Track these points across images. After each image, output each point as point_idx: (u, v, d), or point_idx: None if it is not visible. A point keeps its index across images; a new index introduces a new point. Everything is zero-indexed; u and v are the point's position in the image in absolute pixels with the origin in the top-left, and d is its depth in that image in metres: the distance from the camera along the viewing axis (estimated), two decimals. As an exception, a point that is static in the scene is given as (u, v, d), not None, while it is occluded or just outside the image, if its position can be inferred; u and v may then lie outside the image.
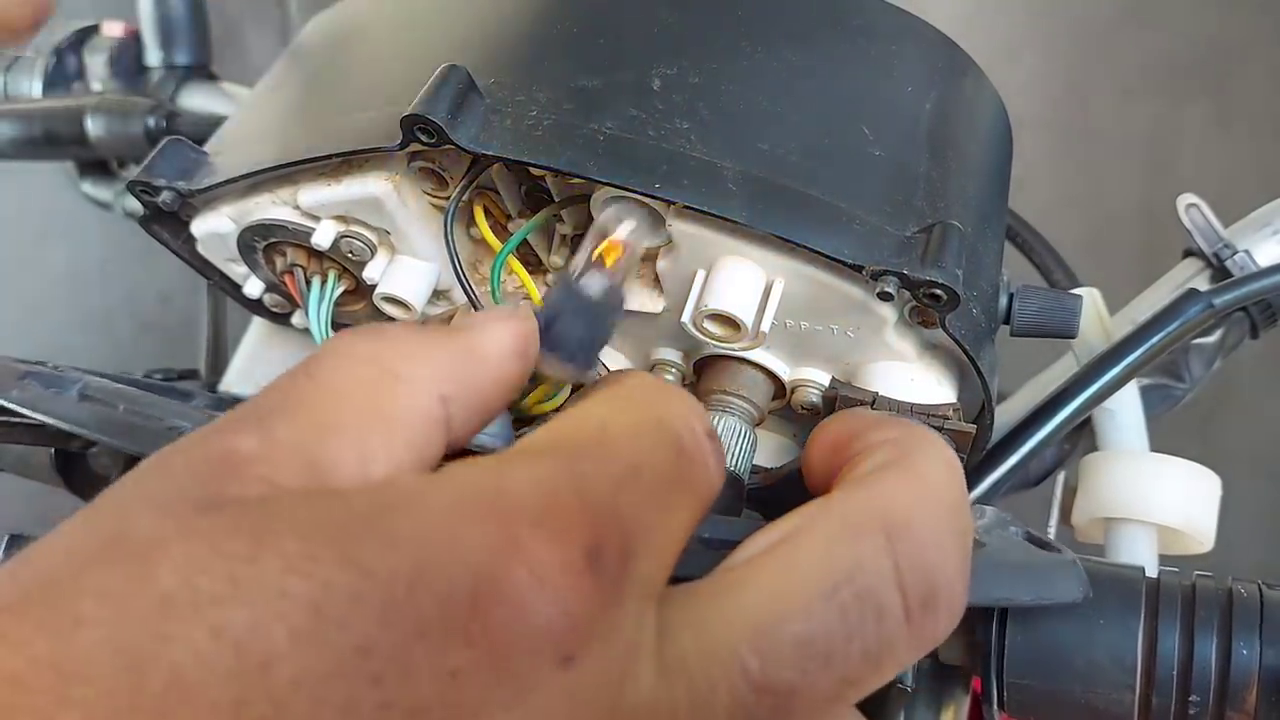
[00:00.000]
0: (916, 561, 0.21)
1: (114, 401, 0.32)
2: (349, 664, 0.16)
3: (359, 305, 0.41)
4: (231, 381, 0.50)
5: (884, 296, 0.32)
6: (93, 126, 0.61)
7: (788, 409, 0.38)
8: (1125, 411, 0.47)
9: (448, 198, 0.37)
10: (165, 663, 0.16)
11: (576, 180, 0.34)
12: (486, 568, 0.18)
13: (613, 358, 0.40)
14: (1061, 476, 0.52)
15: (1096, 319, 0.48)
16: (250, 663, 0.16)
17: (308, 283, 0.39)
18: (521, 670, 0.17)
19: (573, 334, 0.28)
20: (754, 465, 0.37)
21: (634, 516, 0.20)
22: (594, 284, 0.30)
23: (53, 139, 0.63)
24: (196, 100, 0.69)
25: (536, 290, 0.36)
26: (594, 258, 0.31)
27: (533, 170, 0.36)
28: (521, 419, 0.36)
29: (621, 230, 0.33)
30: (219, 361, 0.61)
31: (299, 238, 0.39)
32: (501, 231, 0.39)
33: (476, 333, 0.24)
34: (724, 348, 0.36)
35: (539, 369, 0.31)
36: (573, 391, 0.33)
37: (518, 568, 0.18)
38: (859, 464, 0.24)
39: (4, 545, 0.37)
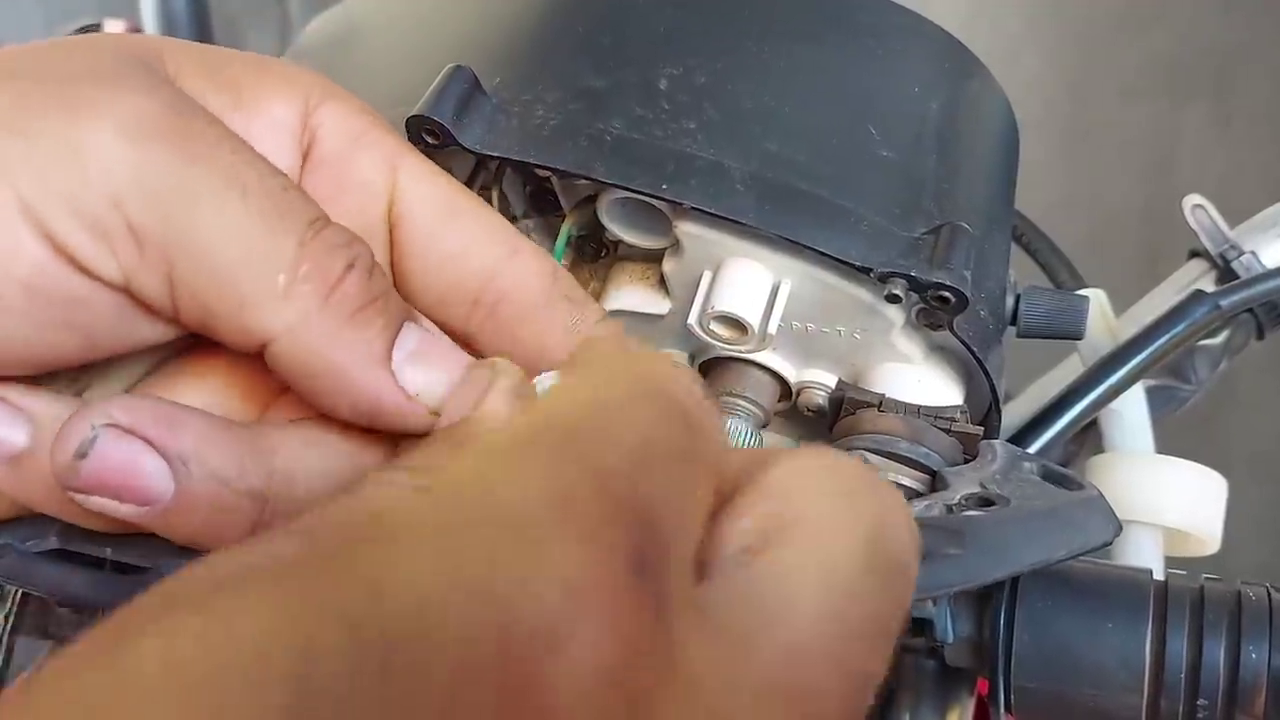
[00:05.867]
0: None
1: None
2: None
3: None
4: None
5: (892, 298, 0.32)
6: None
7: (794, 411, 0.38)
8: (1131, 413, 0.47)
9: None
10: None
11: (583, 181, 0.33)
12: (506, 603, 0.13)
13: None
14: (1066, 478, 0.52)
15: (1102, 320, 0.48)
16: None
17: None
18: None
19: None
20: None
21: (662, 502, 0.16)
22: None
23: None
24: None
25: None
26: None
27: (538, 171, 0.35)
28: None
29: None
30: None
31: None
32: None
33: None
34: (730, 349, 0.36)
35: None
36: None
37: (549, 594, 0.13)
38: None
39: None
